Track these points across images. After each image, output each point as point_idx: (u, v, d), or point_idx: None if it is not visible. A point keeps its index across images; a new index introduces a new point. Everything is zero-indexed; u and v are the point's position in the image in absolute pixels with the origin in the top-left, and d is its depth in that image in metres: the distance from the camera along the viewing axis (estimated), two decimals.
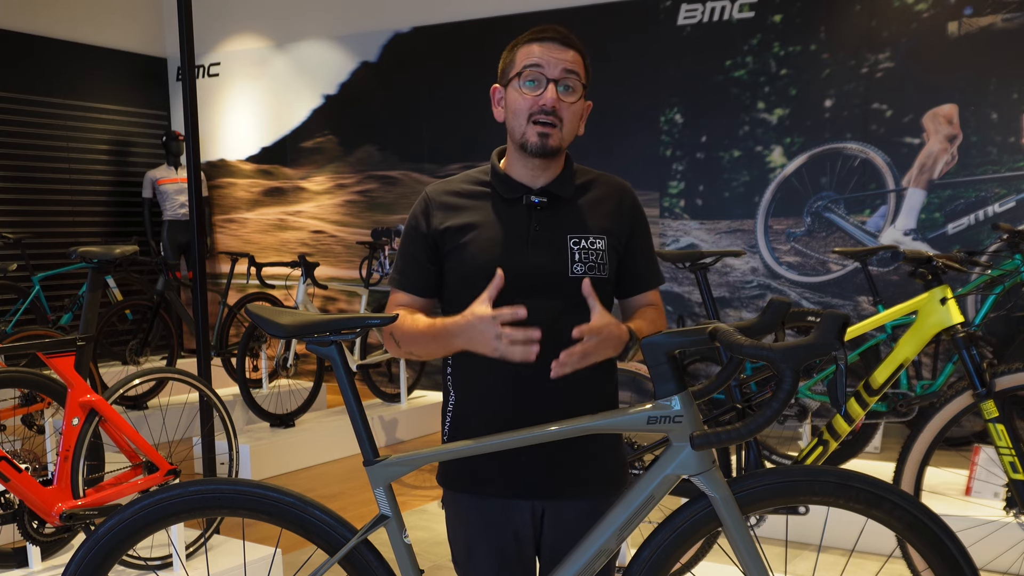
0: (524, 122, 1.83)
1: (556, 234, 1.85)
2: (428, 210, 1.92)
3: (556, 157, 1.87)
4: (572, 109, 1.84)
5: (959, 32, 5.47)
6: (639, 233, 1.94)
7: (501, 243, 1.84)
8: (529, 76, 1.82)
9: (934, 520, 1.61)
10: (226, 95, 8.60)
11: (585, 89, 1.86)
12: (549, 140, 1.81)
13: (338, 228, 8.00)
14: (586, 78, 1.87)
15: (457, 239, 1.87)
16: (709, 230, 6.30)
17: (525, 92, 1.83)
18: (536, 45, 1.84)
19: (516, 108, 1.84)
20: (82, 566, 1.73)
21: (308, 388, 6.25)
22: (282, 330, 1.72)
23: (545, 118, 1.80)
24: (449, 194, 1.93)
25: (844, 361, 1.47)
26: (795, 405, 4.30)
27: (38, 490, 3.00)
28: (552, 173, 1.89)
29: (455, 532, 1.97)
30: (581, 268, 1.83)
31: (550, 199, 1.88)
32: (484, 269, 1.81)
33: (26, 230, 7.58)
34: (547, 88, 1.81)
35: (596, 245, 1.86)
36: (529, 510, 1.89)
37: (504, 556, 1.91)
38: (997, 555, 3.51)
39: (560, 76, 1.81)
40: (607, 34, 6.50)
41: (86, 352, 3.16)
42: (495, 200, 1.90)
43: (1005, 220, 5.37)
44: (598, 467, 1.90)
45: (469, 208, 1.90)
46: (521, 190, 1.88)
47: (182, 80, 3.74)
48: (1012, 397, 3.10)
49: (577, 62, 1.84)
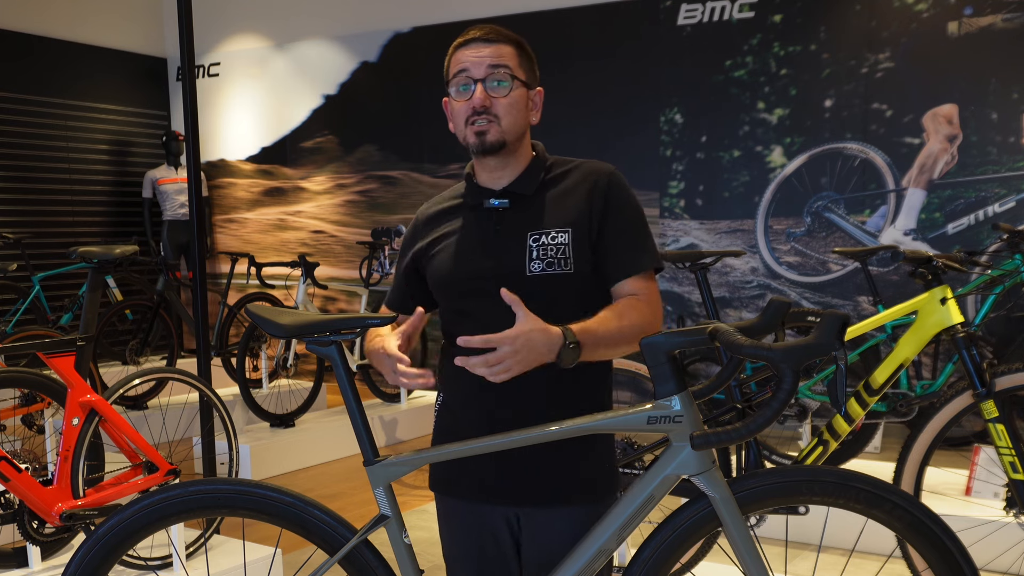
0: (463, 126, 1.85)
1: (517, 233, 1.85)
2: (415, 231, 1.99)
3: (505, 152, 1.85)
4: (506, 101, 1.82)
5: (959, 32, 5.47)
6: (614, 215, 1.84)
7: (464, 250, 1.88)
8: (459, 82, 1.84)
9: (934, 520, 1.61)
10: (226, 95, 8.60)
11: (518, 79, 1.84)
12: (487, 136, 1.82)
13: (338, 228, 8.00)
14: (521, 67, 1.86)
15: (430, 252, 1.93)
16: (709, 230, 6.30)
17: (459, 98, 1.85)
18: (462, 50, 1.86)
19: (455, 115, 1.87)
20: (82, 566, 1.73)
21: (308, 388, 6.25)
22: (282, 330, 1.72)
23: (478, 118, 1.82)
24: (433, 213, 1.98)
25: (844, 361, 1.46)
26: (795, 405, 4.30)
27: (38, 490, 3.00)
28: (514, 172, 1.89)
29: (441, 531, 2.00)
30: (539, 265, 1.81)
31: (513, 199, 1.87)
32: (447, 277, 1.88)
33: (26, 230, 7.58)
34: (475, 89, 1.82)
35: (558, 240, 1.82)
36: (502, 515, 1.89)
37: (484, 557, 1.91)
38: (997, 555, 3.51)
39: (486, 74, 1.82)
40: (607, 34, 6.50)
41: (86, 352, 3.16)
42: (465, 210, 1.93)
43: (1005, 220, 5.37)
44: (573, 476, 1.85)
45: (445, 222, 1.94)
46: (485, 194, 1.89)
47: (182, 80, 3.74)
48: (1012, 397, 3.10)
49: (505, 54, 1.84)
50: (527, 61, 1.88)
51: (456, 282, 1.87)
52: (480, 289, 1.84)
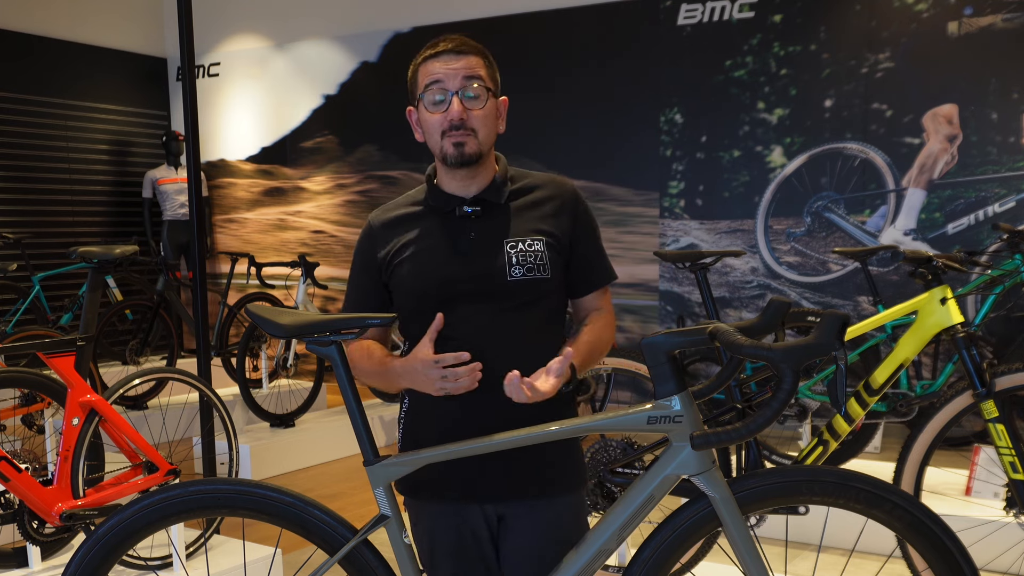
0: (439, 138, 1.86)
1: (493, 240, 1.88)
2: (372, 238, 1.97)
3: (479, 164, 1.88)
4: (481, 114, 1.85)
5: (959, 32, 5.47)
6: (583, 234, 1.95)
7: (439, 256, 1.89)
8: (433, 93, 1.85)
9: (934, 520, 1.61)
10: (226, 95, 8.60)
11: (490, 90, 1.87)
12: (465, 148, 1.84)
13: (338, 228, 8.00)
14: (490, 79, 1.88)
15: (398, 259, 1.92)
16: (709, 230, 6.30)
17: (432, 110, 1.86)
18: (432, 62, 1.86)
19: (429, 127, 1.88)
20: (82, 566, 1.73)
21: (308, 388, 6.25)
22: (282, 330, 1.72)
23: (455, 132, 1.83)
24: (389, 220, 1.97)
25: (844, 361, 1.46)
26: (795, 405, 4.30)
27: (38, 490, 3.00)
28: (483, 180, 1.91)
29: (416, 535, 1.99)
30: (520, 271, 1.86)
31: (484, 207, 1.90)
32: (424, 284, 1.88)
33: (26, 230, 7.57)
34: (451, 102, 1.83)
35: (534, 247, 1.87)
36: (480, 513, 1.90)
37: (465, 556, 1.91)
38: (997, 555, 3.51)
39: (461, 85, 1.83)
40: (607, 34, 6.50)
41: (86, 352, 3.16)
42: (431, 216, 1.93)
43: (1005, 220, 5.37)
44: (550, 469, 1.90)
45: (408, 228, 1.94)
46: (455, 202, 1.90)
47: (182, 80, 3.74)
48: (1012, 397, 3.10)
49: (476, 65, 1.86)
50: (493, 71, 1.91)
51: (432, 288, 1.87)
52: (459, 294, 1.86)
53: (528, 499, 1.88)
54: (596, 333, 1.92)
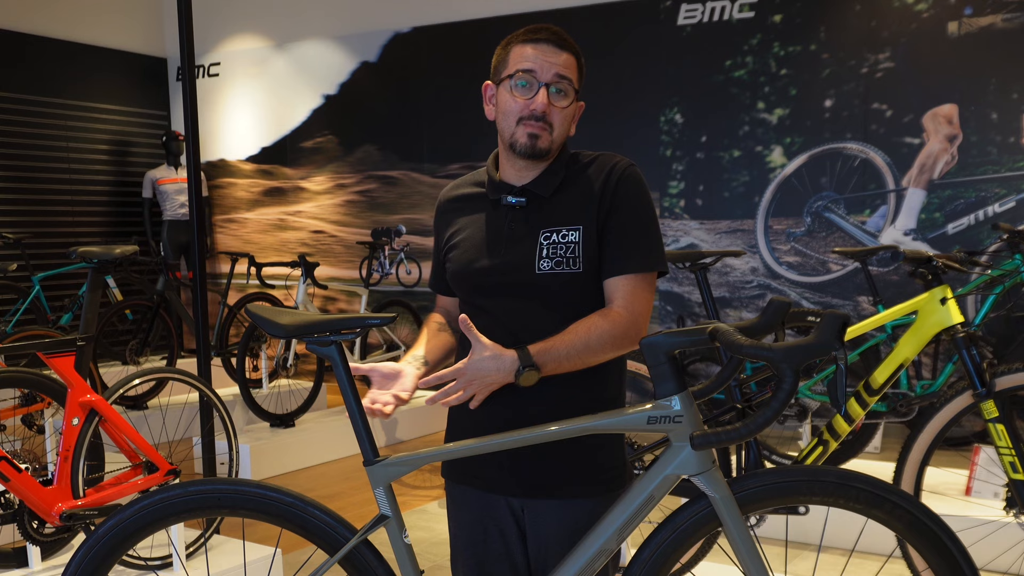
0: (514, 124, 1.82)
1: (530, 231, 1.84)
2: (438, 215, 2.01)
3: (544, 160, 1.85)
4: (563, 113, 1.82)
5: (959, 32, 5.47)
6: (618, 212, 1.81)
7: (478, 246, 1.88)
8: (521, 79, 1.80)
9: (934, 520, 1.60)
10: (226, 95, 8.60)
11: (577, 92, 1.85)
12: (539, 142, 1.81)
13: (338, 228, 8.00)
14: (579, 81, 1.85)
15: (449, 243, 1.94)
16: (709, 230, 6.30)
17: (516, 95, 1.81)
18: (530, 47, 1.81)
19: (507, 109, 1.83)
20: (82, 566, 1.73)
21: (308, 388, 6.25)
22: (282, 330, 1.72)
23: (535, 123, 1.80)
24: (452, 199, 1.99)
25: (844, 361, 1.46)
26: (795, 405, 4.30)
27: (38, 490, 3.00)
28: (538, 172, 1.87)
29: (449, 518, 2.02)
30: (548, 264, 1.80)
31: (530, 198, 1.86)
32: (462, 272, 1.89)
33: (26, 230, 7.57)
34: (539, 92, 1.79)
35: (568, 238, 1.80)
36: (506, 505, 1.89)
37: (488, 547, 1.92)
38: (997, 555, 3.51)
39: (552, 80, 1.80)
40: (607, 34, 6.50)
41: (86, 352, 3.16)
42: (485, 202, 1.92)
43: (1005, 220, 5.37)
44: (581, 469, 1.85)
45: (464, 212, 1.94)
46: (504, 190, 1.88)
47: (182, 80, 3.74)
48: (1012, 397, 3.10)
49: (571, 65, 1.83)
50: (582, 75, 1.87)
51: (469, 277, 1.88)
52: (492, 285, 1.85)
53: (542, 498, 1.86)
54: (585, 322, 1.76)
